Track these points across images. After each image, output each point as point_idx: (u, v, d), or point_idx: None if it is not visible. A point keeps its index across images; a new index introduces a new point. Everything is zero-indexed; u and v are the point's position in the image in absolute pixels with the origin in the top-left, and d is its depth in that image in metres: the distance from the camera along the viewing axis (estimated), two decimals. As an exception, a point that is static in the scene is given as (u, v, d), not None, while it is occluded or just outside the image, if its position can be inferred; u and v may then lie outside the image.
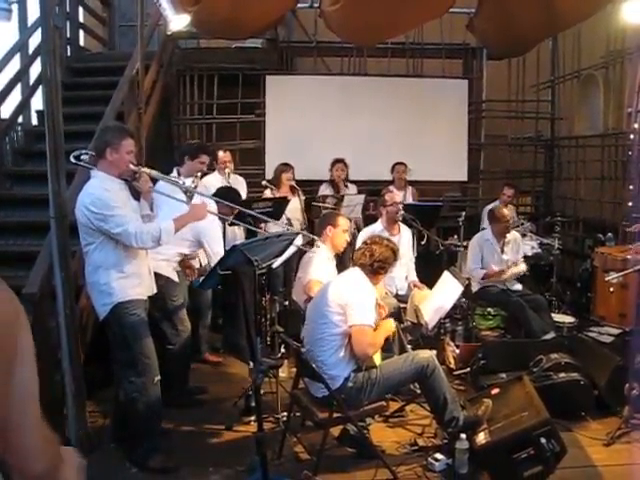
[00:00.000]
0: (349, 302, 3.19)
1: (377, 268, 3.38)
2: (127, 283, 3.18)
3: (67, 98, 6.69)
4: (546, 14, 5.92)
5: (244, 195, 5.51)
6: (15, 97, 6.12)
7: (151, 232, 3.11)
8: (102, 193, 3.06)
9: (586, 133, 7.41)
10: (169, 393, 3.62)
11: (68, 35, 7.27)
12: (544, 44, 7.61)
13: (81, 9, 7.77)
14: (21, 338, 0.95)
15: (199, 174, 4.01)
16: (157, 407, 3.31)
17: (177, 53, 7.56)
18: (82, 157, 3.22)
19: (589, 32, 6.94)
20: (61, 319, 3.37)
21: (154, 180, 3.46)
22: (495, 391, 3.60)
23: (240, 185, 5.61)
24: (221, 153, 5.60)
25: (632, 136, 5.68)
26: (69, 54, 7.29)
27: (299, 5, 7.04)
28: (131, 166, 3.18)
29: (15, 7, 6.67)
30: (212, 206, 3.77)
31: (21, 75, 6.05)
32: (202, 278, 3.55)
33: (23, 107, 6.18)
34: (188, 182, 3.69)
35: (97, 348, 3.88)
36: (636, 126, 5.58)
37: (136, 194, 3.36)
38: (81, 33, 7.94)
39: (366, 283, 3.34)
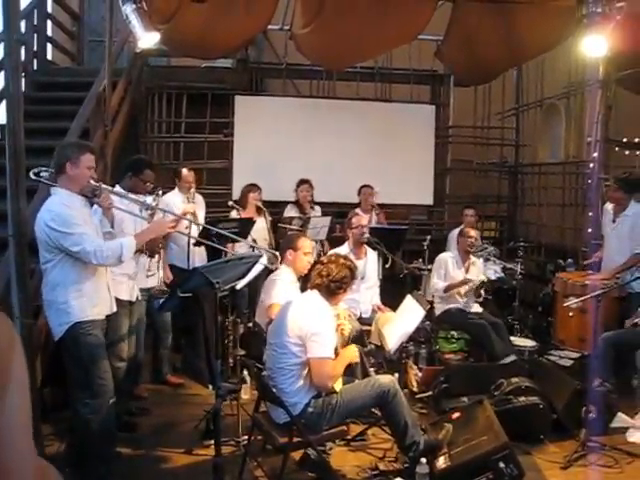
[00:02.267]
0: (308, 333, 3.12)
1: (334, 288, 3.30)
2: (86, 302, 3.12)
3: (31, 112, 6.61)
4: (510, 46, 6.11)
5: (203, 214, 5.44)
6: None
7: (112, 249, 3.08)
8: (62, 210, 3.02)
9: (548, 160, 7.59)
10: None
11: (35, 48, 7.19)
12: (509, 73, 7.81)
13: (49, 22, 7.70)
14: (15, 366, 0.90)
15: (160, 192, 3.94)
16: (112, 429, 3.23)
17: (146, 70, 7.53)
18: (42, 174, 3.17)
19: (552, 63, 7.16)
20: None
21: None
22: (456, 415, 3.62)
23: (199, 205, 5.54)
24: (185, 171, 5.44)
25: (591, 165, 5.84)
26: (35, 67, 7.19)
27: (270, 27, 7.09)
28: (92, 182, 3.14)
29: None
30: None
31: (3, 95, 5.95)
32: (161, 300, 3.51)
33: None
34: (149, 200, 3.66)
35: (55, 369, 3.78)
36: (595, 155, 5.74)
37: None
38: (49, 47, 7.86)
39: (324, 308, 3.27)
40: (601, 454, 3.70)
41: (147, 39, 5.08)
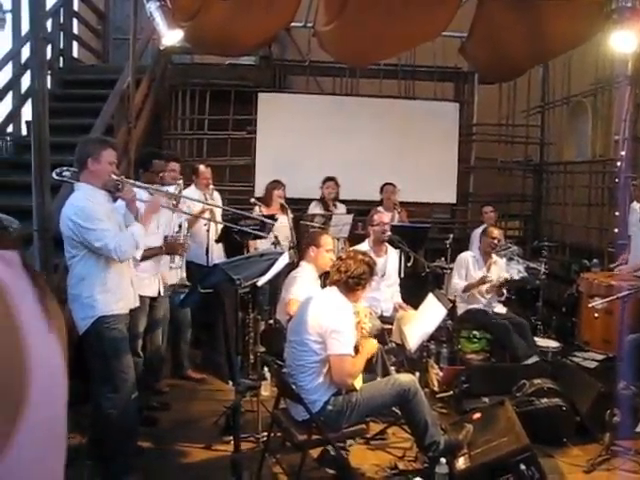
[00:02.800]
0: (328, 330, 3.12)
1: (353, 284, 3.29)
2: (110, 297, 3.15)
3: (58, 109, 6.72)
4: (536, 42, 6.01)
5: (220, 212, 5.45)
6: (6, 106, 6.11)
7: (127, 241, 3.12)
8: (85, 204, 3.06)
9: (574, 159, 7.47)
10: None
11: (61, 46, 7.28)
12: (535, 70, 7.69)
13: (75, 21, 7.80)
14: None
15: (181, 181, 3.95)
16: (133, 424, 3.26)
17: (170, 68, 7.57)
18: (64, 173, 3.21)
19: (579, 60, 7.03)
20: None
21: None
22: (477, 416, 3.58)
23: (217, 200, 5.55)
24: (202, 168, 5.42)
25: (619, 163, 5.72)
26: (61, 65, 7.29)
27: (293, 24, 7.09)
28: (113, 176, 3.17)
29: (9, 16, 6.71)
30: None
31: (12, 84, 6.04)
32: (182, 296, 3.52)
33: (13, 117, 6.17)
34: (171, 189, 3.68)
35: (78, 363, 3.82)
36: (623, 153, 5.63)
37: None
38: (75, 45, 7.96)
39: (344, 304, 3.26)
40: (626, 459, 3.62)
41: (171, 36, 5.11)
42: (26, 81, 5.92)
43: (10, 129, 6.28)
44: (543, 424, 3.70)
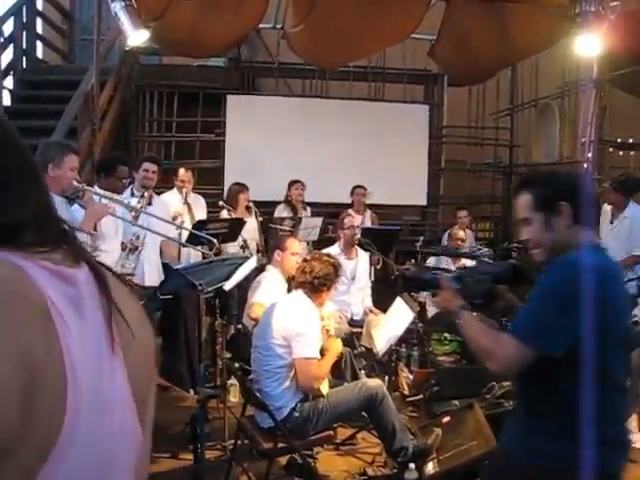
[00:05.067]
0: (293, 334, 3.06)
1: (318, 285, 3.23)
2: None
3: (21, 111, 6.58)
4: (504, 45, 6.06)
5: (203, 216, 5.41)
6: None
7: None
8: None
9: (543, 161, 7.54)
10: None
11: (24, 46, 7.10)
12: (503, 73, 7.76)
13: (40, 20, 7.62)
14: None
15: (147, 193, 3.85)
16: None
17: (137, 69, 7.46)
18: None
19: (546, 63, 7.11)
20: None
21: None
22: (446, 419, 3.55)
23: (200, 206, 5.53)
24: (180, 171, 5.46)
25: (585, 165, 5.78)
26: (24, 66, 7.11)
27: (262, 25, 7.04)
28: (74, 183, 3.07)
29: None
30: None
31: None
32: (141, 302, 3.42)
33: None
34: (134, 201, 3.57)
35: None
36: (589, 155, 5.69)
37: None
38: (40, 45, 7.78)
39: (309, 307, 3.21)
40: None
41: (136, 36, 5.02)
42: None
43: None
44: (512, 426, 3.68)
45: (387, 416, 3.18)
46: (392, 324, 3.89)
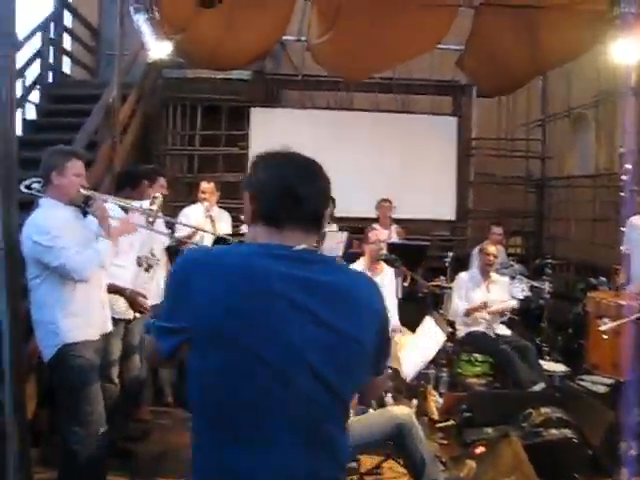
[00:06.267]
0: None
1: None
2: (76, 322, 2.88)
3: (45, 124, 6.55)
4: (535, 53, 5.86)
5: (228, 230, 5.29)
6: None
7: (89, 259, 2.84)
8: (45, 222, 2.82)
9: (577, 173, 7.28)
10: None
11: (51, 61, 7.11)
12: (534, 82, 7.53)
13: (68, 36, 7.65)
14: None
15: (159, 194, 3.66)
16: (100, 461, 2.97)
17: (161, 82, 7.42)
18: (33, 185, 2.97)
19: (580, 71, 6.87)
20: (5, 361, 3.06)
21: None
22: (480, 450, 3.31)
23: (224, 220, 5.43)
24: (204, 184, 5.41)
25: (624, 177, 5.51)
26: (51, 80, 7.11)
27: (287, 38, 6.96)
28: (82, 190, 2.93)
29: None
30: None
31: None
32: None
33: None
34: (145, 204, 3.41)
35: (52, 391, 3.56)
36: (629, 166, 5.41)
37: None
38: (68, 61, 7.82)
39: None
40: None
41: (159, 49, 4.96)
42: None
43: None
44: (552, 458, 3.40)
45: (416, 447, 2.94)
46: (421, 346, 3.65)
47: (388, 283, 4.90)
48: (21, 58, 6.39)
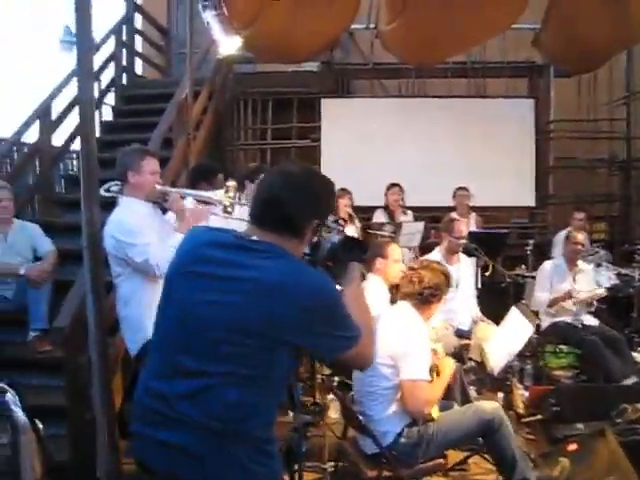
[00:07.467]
0: (400, 353, 2.77)
1: (428, 296, 2.93)
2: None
3: (121, 125, 6.75)
4: (619, 26, 5.50)
5: None
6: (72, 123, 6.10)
7: (169, 255, 2.86)
8: (125, 219, 2.88)
9: (667, 153, 6.84)
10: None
11: (124, 63, 7.32)
12: (617, 58, 7.10)
13: (139, 38, 7.85)
14: None
15: (233, 182, 3.62)
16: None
17: (231, 78, 7.49)
18: (112, 188, 3.05)
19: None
20: (93, 356, 3.15)
21: None
22: (572, 447, 3.13)
23: None
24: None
25: None
26: (125, 82, 7.32)
27: (355, 26, 6.86)
28: (157, 187, 2.98)
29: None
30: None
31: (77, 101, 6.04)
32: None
33: (77, 133, 6.17)
34: (220, 194, 3.39)
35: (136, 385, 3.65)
36: None
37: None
38: (140, 62, 8.03)
39: (418, 322, 2.91)
40: None
41: (228, 44, 4.99)
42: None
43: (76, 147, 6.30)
44: (651, 457, 3.20)
45: (506, 443, 2.83)
46: (508, 338, 3.51)
47: (466, 273, 4.76)
48: (96, 62, 6.61)
